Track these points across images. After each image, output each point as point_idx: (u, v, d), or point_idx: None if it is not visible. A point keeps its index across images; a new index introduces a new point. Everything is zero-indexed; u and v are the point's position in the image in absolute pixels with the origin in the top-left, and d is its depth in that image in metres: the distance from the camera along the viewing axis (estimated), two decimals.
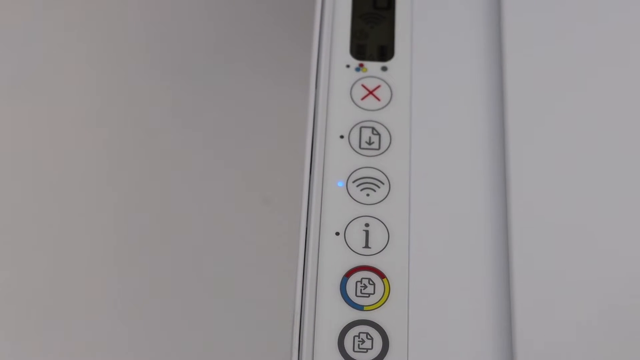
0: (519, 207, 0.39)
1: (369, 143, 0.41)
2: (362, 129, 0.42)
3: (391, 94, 0.42)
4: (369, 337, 0.37)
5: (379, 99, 0.42)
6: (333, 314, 0.38)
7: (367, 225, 0.39)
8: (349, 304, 0.38)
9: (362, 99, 0.42)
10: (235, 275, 0.60)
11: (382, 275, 0.38)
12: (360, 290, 0.38)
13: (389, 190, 0.40)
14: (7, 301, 0.60)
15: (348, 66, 0.43)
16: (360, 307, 0.38)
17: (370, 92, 0.42)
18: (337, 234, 0.39)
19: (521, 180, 0.40)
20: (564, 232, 0.39)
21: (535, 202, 0.39)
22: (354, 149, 0.41)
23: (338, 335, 0.37)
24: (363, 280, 0.38)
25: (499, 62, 0.43)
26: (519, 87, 0.42)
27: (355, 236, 0.39)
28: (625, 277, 0.38)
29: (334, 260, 0.39)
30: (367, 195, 0.40)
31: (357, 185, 0.40)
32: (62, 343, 0.59)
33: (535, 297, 0.37)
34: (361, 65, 0.43)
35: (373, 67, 0.43)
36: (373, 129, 0.42)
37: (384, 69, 0.43)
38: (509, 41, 0.43)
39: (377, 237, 0.39)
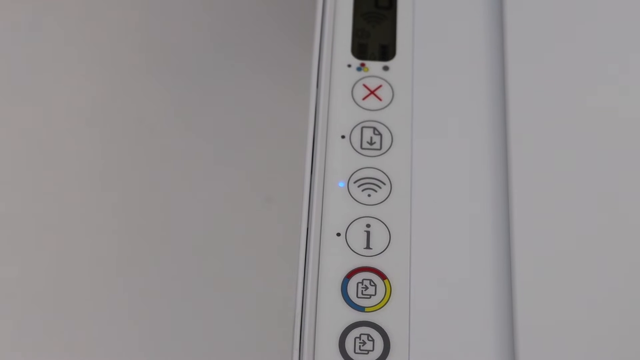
0: (521, 207, 0.39)
1: (371, 143, 0.41)
2: (364, 129, 0.41)
3: (393, 94, 0.42)
4: (370, 338, 0.37)
5: (380, 99, 0.42)
6: (334, 316, 0.37)
7: (368, 226, 0.39)
8: (350, 305, 0.38)
9: (364, 98, 0.42)
10: (235, 275, 0.60)
11: (383, 277, 0.38)
12: (362, 291, 0.38)
13: (391, 191, 0.40)
14: (8, 302, 0.60)
15: (349, 66, 0.43)
16: (361, 309, 0.38)
17: (372, 92, 0.42)
18: (338, 234, 0.39)
19: (523, 180, 0.39)
20: (566, 233, 0.39)
21: (538, 201, 0.39)
22: (355, 149, 0.41)
23: (339, 336, 0.37)
24: (364, 281, 0.38)
25: (501, 61, 0.43)
26: (522, 86, 0.42)
27: (357, 237, 0.39)
28: (627, 278, 0.38)
29: (335, 261, 0.38)
30: (369, 195, 0.40)
31: (359, 186, 0.40)
32: (63, 343, 0.59)
33: (538, 299, 0.37)
34: (362, 64, 0.43)
35: (374, 66, 0.43)
36: (374, 129, 0.41)
37: (386, 68, 0.43)
38: (512, 40, 0.42)
39: (379, 238, 0.39)
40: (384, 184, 0.40)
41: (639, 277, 0.38)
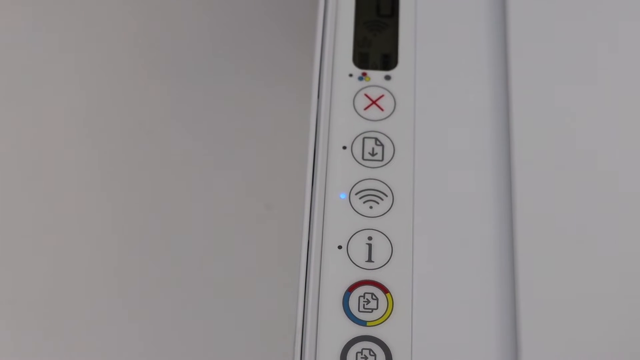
0: (525, 220, 0.39)
1: (372, 154, 0.41)
2: (365, 139, 0.41)
3: (395, 104, 0.42)
4: (371, 353, 0.37)
5: (382, 109, 0.42)
6: (335, 330, 0.37)
7: (370, 238, 0.39)
8: (351, 320, 0.37)
9: (365, 108, 0.42)
10: (235, 283, 0.60)
11: (385, 290, 0.38)
12: (363, 305, 0.38)
13: (393, 203, 0.40)
14: (7, 304, 0.60)
15: (351, 75, 0.42)
16: (363, 323, 0.37)
17: (374, 102, 0.42)
18: (340, 247, 0.39)
19: (527, 192, 0.39)
20: (571, 247, 0.38)
21: (541, 213, 0.39)
22: (356, 160, 0.40)
23: (340, 351, 0.37)
24: (366, 295, 0.38)
25: (504, 70, 0.42)
26: (525, 96, 0.41)
27: (358, 250, 0.39)
28: (630, 283, 0.38)
29: (337, 274, 0.38)
30: (370, 207, 0.39)
31: (360, 198, 0.40)
32: (62, 346, 0.59)
33: (541, 314, 0.37)
34: (364, 74, 0.43)
35: (376, 76, 0.42)
36: (376, 139, 0.41)
37: (388, 78, 0.42)
38: (515, 50, 0.42)
39: (381, 251, 0.39)
40: (386, 195, 0.40)
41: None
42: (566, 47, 0.43)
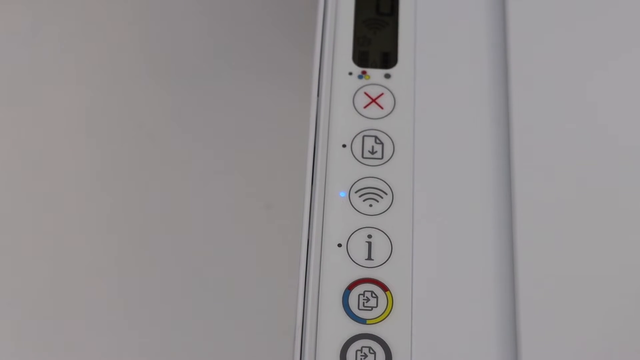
0: (524, 218, 0.39)
1: (372, 152, 0.41)
2: (365, 137, 0.41)
3: (394, 102, 0.42)
4: (371, 351, 0.37)
5: (382, 107, 0.42)
6: (335, 328, 0.37)
7: (369, 236, 0.39)
8: (351, 318, 0.37)
9: (365, 107, 0.42)
10: (236, 283, 0.60)
11: (385, 288, 0.38)
12: (363, 303, 0.37)
13: (392, 201, 0.40)
14: (7, 306, 0.60)
15: (350, 73, 0.42)
16: (362, 321, 0.37)
17: (373, 100, 0.42)
18: (340, 245, 0.39)
19: (526, 190, 0.39)
20: (571, 246, 0.38)
21: (542, 212, 0.39)
22: (356, 159, 0.40)
23: (340, 349, 0.37)
24: (366, 293, 0.38)
25: (503, 69, 0.42)
26: (525, 94, 0.41)
27: (358, 248, 0.39)
28: (631, 282, 0.37)
29: (336, 272, 0.38)
30: (370, 205, 0.39)
31: (360, 196, 0.40)
32: (62, 345, 0.59)
33: (541, 311, 0.37)
34: (364, 72, 0.42)
35: (376, 74, 0.42)
36: (376, 137, 0.41)
37: (387, 76, 0.42)
38: (514, 48, 0.42)
39: (380, 249, 0.39)
40: (386, 193, 0.40)
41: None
42: (566, 46, 0.43)
